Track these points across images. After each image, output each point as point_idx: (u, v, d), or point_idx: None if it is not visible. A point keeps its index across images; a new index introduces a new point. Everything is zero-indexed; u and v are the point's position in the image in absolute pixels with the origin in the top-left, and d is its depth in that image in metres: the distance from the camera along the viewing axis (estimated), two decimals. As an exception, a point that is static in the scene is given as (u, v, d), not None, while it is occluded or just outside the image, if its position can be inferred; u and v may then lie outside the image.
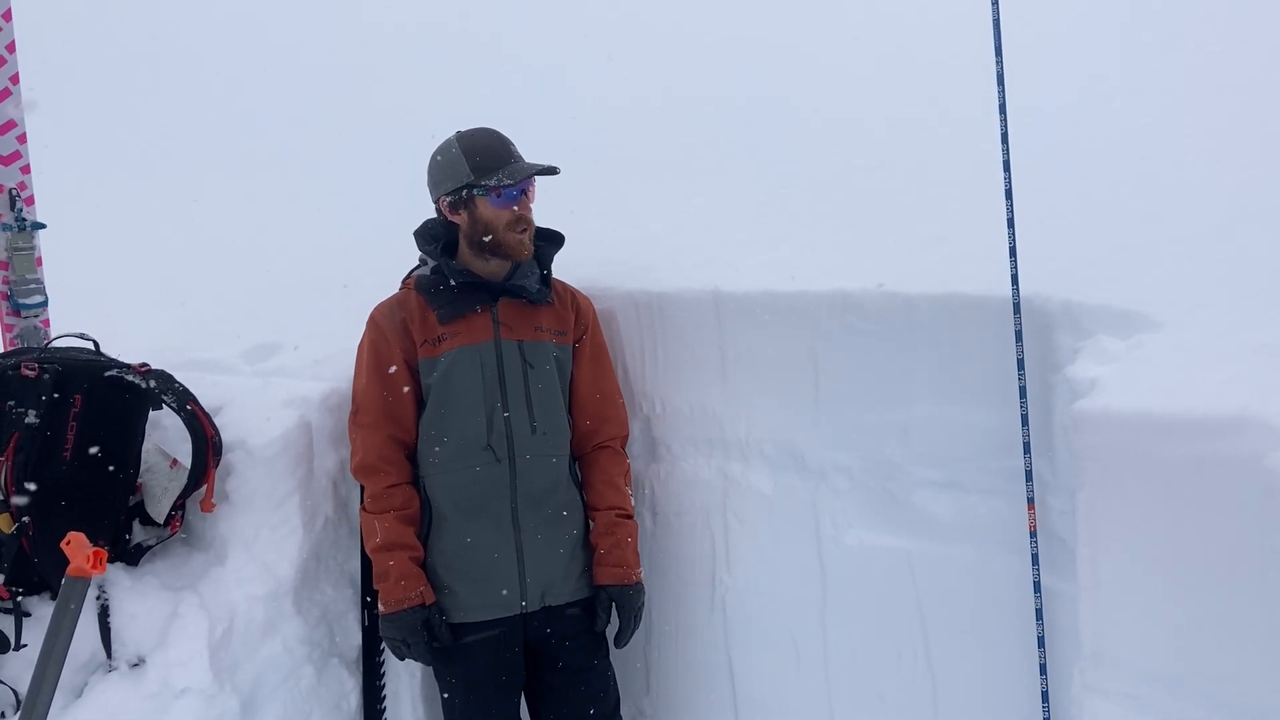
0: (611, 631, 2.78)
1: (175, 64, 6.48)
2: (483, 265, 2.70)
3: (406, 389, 2.66)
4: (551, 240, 2.82)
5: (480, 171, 2.60)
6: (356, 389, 2.72)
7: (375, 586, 2.63)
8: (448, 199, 2.65)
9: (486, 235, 2.64)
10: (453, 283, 2.67)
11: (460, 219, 2.66)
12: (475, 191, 2.61)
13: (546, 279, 2.78)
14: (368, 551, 2.65)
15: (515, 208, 2.63)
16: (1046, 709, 2.35)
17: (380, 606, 2.61)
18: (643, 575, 2.78)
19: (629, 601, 2.73)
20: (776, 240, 3.10)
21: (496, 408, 2.63)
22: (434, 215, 2.76)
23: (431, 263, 2.73)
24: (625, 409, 2.92)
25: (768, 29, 5.00)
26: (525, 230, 2.66)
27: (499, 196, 2.61)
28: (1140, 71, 3.54)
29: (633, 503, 2.85)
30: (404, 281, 2.82)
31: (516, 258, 2.68)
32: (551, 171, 2.65)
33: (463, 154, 2.62)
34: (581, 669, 2.74)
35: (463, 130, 2.69)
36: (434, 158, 2.69)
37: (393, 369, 2.65)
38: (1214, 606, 1.94)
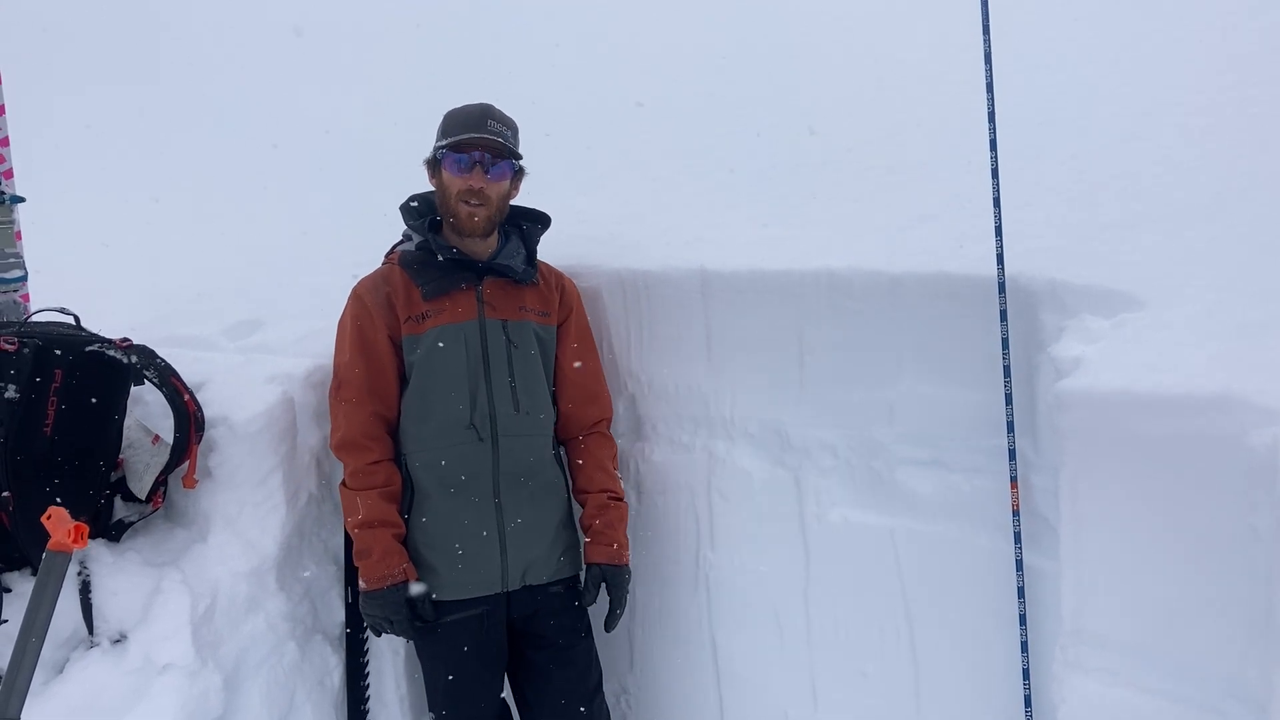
0: (597, 613, 2.78)
1: (161, 40, 6.42)
2: (468, 243, 2.68)
3: (390, 365, 2.64)
4: (537, 220, 2.80)
5: (444, 135, 2.62)
6: (339, 363, 2.69)
7: (356, 564, 2.61)
8: (428, 165, 2.67)
9: (444, 203, 2.65)
10: (440, 258, 2.65)
11: (435, 184, 2.68)
12: (438, 154, 2.62)
13: (532, 259, 2.76)
14: (348, 528, 2.63)
15: (468, 177, 2.59)
16: (1027, 685, 2.37)
17: (361, 583, 2.59)
18: (630, 557, 2.78)
19: (619, 582, 2.73)
20: (763, 219, 3.09)
21: (480, 386, 2.61)
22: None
23: (417, 238, 2.71)
24: (609, 392, 2.92)
25: (755, 10, 4.97)
26: (479, 205, 2.61)
27: (455, 163, 2.59)
28: (1127, 52, 3.54)
29: (621, 485, 2.85)
30: (387, 256, 2.80)
31: (464, 230, 2.64)
32: (509, 155, 2.61)
33: (443, 118, 2.64)
34: (564, 647, 2.74)
35: None
36: None
37: (377, 344, 2.63)
38: (1194, 583, 1.96)
